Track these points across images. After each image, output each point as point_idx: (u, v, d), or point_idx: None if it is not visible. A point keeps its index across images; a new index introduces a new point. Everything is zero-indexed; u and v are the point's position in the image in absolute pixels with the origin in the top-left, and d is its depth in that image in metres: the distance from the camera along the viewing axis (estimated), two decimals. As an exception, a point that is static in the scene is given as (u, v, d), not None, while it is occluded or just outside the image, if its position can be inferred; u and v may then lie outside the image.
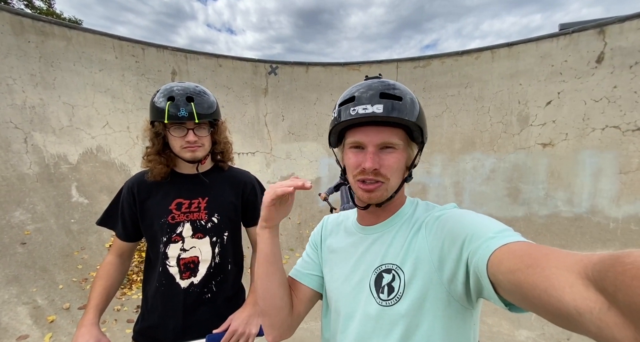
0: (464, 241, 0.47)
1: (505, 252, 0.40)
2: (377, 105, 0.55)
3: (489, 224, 0.48)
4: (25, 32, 3.80)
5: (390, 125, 0.58)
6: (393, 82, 0.60)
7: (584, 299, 0.29)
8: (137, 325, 1.07)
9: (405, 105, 0.57)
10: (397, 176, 0.60)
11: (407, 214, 0.64)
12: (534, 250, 0.38)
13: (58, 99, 3.94)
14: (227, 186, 1.13)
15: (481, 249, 0.43)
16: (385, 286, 0.57)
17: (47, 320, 2.46)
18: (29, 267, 2.80)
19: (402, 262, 0.57)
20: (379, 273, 0.59)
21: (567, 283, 0.31)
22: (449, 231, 0.51)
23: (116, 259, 1.06)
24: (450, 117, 5.21)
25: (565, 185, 4.12)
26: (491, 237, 0.44)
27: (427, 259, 0.54)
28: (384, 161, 0.58)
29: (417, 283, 0.54)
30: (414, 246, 0.57)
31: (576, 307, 0.29)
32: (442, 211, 0.59)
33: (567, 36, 4.21)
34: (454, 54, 5.20)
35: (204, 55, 5.41)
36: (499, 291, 0.41)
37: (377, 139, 0.58)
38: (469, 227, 0.48)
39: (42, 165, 3.56)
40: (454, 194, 5.02)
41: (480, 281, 0.43)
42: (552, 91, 4.33)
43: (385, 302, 0.56)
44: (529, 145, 4.49)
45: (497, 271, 0.40)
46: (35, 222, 3.16)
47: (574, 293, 0.30)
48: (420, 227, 0.58)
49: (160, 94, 0.96)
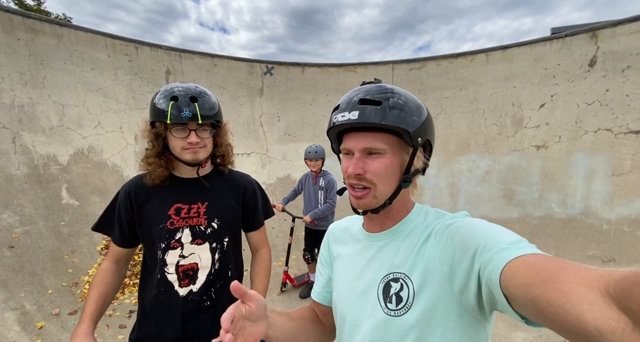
0: (476, 251, 0.45)
1: (519, 265, 0.38)
2: (354, 112, 0.56)
3: (502, 234, 0.46)
4: (14, 30, 3.69)
5: (375, 130, 0.57)
6: (384, 86, 0.58)
7: (605, 318, 0.28)
8: (133, 333, 1.03)
9: (384, 110, 0.55)
10: (386, 182, 0.58)
11: (414, 221, 0.62)
12: (551, 263, 0.36)
13: (48, 98, 3.83)
14: (227, 190, 1.10)
15: (494, 261, 0.42)
16: (394, 296, 0.55)
17: (36, 326, 2.38)
18: (17, 271, 2.71)
19: (410, 271, 0.55)
20: (386, 282, 0.57)
21: (587, 300, 0.30)
22: (460, 240, 0.50)
23: (113, 266, 1.02)
24: (445, 118, 5.25)
25: (558, 187, 4.18)
26: (504, 248, 0.42)
27: (437, 268, 0.52)
28: (368, 166, 0.57)
29: (426, 293, 0.52)
30: (423, 254, 0.55)
31: (597, 326, 0.28)
32: (452, 219, 0.57)
33: (560, 40, 4.28)
34: (449, 56, 5.25)
35: (198, 54, 5.35)
36: (513, 304, 0.39)
37: (361, 144, 0.58)
38: (481, 237, 0.47)
39: (31, 166, 3.46)
40: (449, 195, 5.05)
41: (493, 293, 0.42)
42: (546, 94, 4.39)
43: (393, 312, 0.54)
44: (523, 147, 4.55)
45: (511, 284, 0.38)
46: (24, 225, 3.06)
47: (594, 311, 0.29)
48: (430, 235, 0.56)
49: (161, 95, 0.92)
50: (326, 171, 3.16)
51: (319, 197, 3.09)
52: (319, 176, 3.11)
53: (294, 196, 3.33)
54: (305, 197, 3.24)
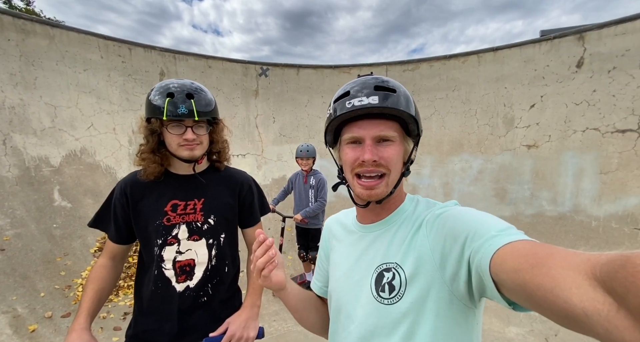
0: (466, 239, 0.46)
1: (508, 251, 0.39)
2: (373, 97, 0.56)
3: (492, 221, 0.47)
4: (4, 30, 3.65)
5: (385, 117, 0.58)
6: (387, 78, 0.61)
7: (591, 301, 0.28)
8: (129, 329, 1.03)
9: (399, 97, 0.57)
10: (396, 169, 0.60)
11: (407, 211, 0.63)
12: (539, 249, 0.37)
13: (39, 100, 3.79)
14: (223, 186, 1.11)
15: (483, 248, 0.42)
16: (386, 284, 0.56)
17: (28, 329, 2.34)
18: (7, 274, 2.66)
19: (402, 261, 0.56)
20: (380, 272, 0.58)
21: (574, 284, 0.30)
22: (450, 228, 0.51)
23: (108, 262, 1.02)
24: (438, 119, 5.32)
25: (549, 185, 4.27)
26: (494, 235, 0.43)
27: (428, 257, 0.53)
28: (382, 153, 0.58)
29: (418, 282, 0.53)
30: (415, 244, 0.56)
31: (584, 308, 0.29)
32: (443, 209, 0.58)
33: (549, 42, 4.38)
34: (442, 57, 5.33)
35: (193, 56, 5.34)
36: (502, 290, 0.40)
37: (374, 131, 0.58)
38: (471, 225, 0.48)
39: (22, 168, 3.41)
40: (443, 194, 5.11)
41: (482, 280, 0.43)
42: (536, 95, 4.49)
43: (386, 301, 0.56)
44: (514, 147, 4.63)
45: (500, 270, 0.39)
46: (15, 228, 3.02)
47: (581, 294, 0.29)
48: (421, 225, 0.57)
49: (156, 91, 0.93)
50: (316, 170, 3.17)
51: (310, 196, 3.10)
52: (309, 174, 3.11)
53: (284, 195, 3.32)
54: (296, 196, 3.23)
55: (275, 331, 2.57)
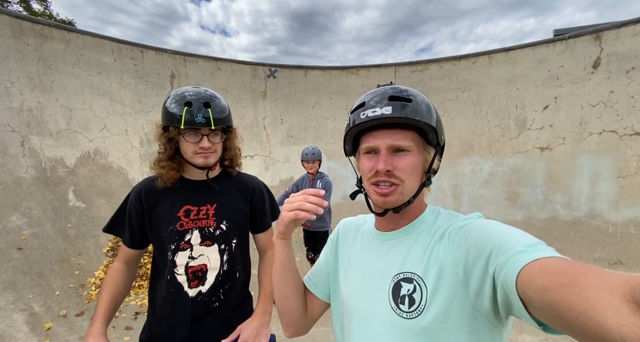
0: (491, 253, 0.44)
1: (537, 268, 0.37)
2: (386, 108, 0.56)
3: (518, 236, 0.45)
4: (24, 35, 3.77)
5: (401, 127, 0.58)
6: (405, 88, 0.60)
7: (631, 326, 0.27)
8: (143, 333, 1.05)
9: (415, 107, 0.57)
10: (412, 179, 0.59)
11: (427, 221, 0.61)
12: (571, 267, 0.35)
13: (56, 102, 3.90)
14: (235, 192, 1.11)
15: (510, 263, 0.40)
16: (406, 297, 0.54)
17: (44, 327, 2.40)
18: (25, 273, 2.74)
19: (424, 273, 0.54)
20: (397, 282, 0.57)
21: (611, 306, 0.29)
22: (474, 242, 0.49)
23: (123, 266, 1.04)
24: (448, 121, 5.25)
25: (563, 189, 4.16)
26: (521, 250, 0.41)
27: (450, 271, 0.51)
28: (397, 163, 0.57)
29: (440, 296, 0.51)
30: (436, 256, 0.54)
31: (621, 334, 0.27)
32: (466, 221, 0.56)
33: (564, 42, 4.28)
34: (451, 58, 5.26)
35: (202, 58, 5.40)
36: (530, 309, 0.38)
37: (389, 141, 0.58)
38: (496, 239, 0.45)
39: (38, 169, 3.51)
40: (452, 197, 5.04)
41: (509, 297, 0.40)
42: (549, 96, 4.39)
43: (406, 315, 0.53)
44: (527, 149, 4.53)
45: (528, 288, 0.37)
46: (32, 227, 3.10)
47: (619, 318, 0.28)
48: (443, 236, 0.56)
49: (173, 99, 0.94)
50: (323, 173, 3.12)
51: None
52: (315, 178, 3.06)
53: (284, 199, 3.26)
54: None
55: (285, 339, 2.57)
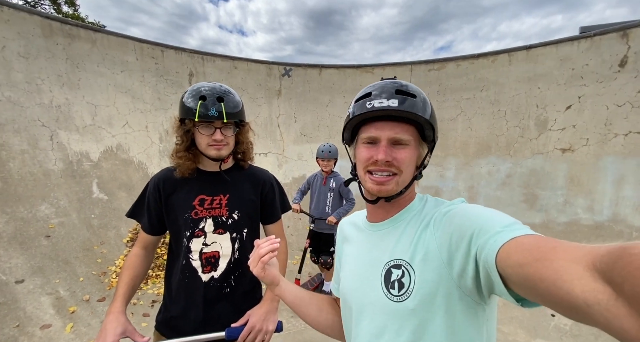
0: (472, 235, 0.47)
1: (513, 246, 0.40)
2: (393, 100, 0.58)
3: (497, 217, 0.48)
4: (53, 35, 3.99)
5: (403, 121, 0.60)
6: (407, 83, 0.63)
7: (592, 291, 0.29)
8: (159, 315, 1.11)
9: (418, 103, 0.59)
10: (408, 171, 0.62)
11: (415, 209, 0.64)
12: (543, 243, 0.38)
13: (82, 99, 4.11)
14: (247, 183, 1.16)
15: (489, 244, 0.43)
16: (396, 282, 0.58)
17: (69, 310, 2.56)
18: (52, 259, 2.92)
19: (411, 258, 0.57)
20: (388, 268, 0.60)
21: (576, 275, 0.31)
22: (457, 225, 0.52)
23: (141, 251, 1.11)
24: (465, 120, 5.14)
25: (585, 192, 3.99)
26: (499, 231, 0.44)
27: (436, 254, 0.54)
28: (396, 154, 0.60)
29: (427, 279, 0.54)
30: (423, 241, 0.57)
31: (585, 299, 0.30)
32: (450, 206, 0.59)
33: (589, 39, 4.10)
34: (469, 56, 5.14)
35: (220, 57, 5.54)
36: (509, 285, 0.41)
37: (390, 133, 0.60)
38: (477, 222, 0.48)
39: (66, 162, 3.72)
40: (467, 198, 4.92)
41: (490, 276, 0.43)
42: (573, 95, 4.21)
43: (396, 298, 0.57)
44: (547, 150, 4.38)
45: (506, 265, 0.40)
46: (59, 217, 3.30)
47: (582, 285, 0.30)
48: (429, 223, 0.59)
49: (189, 94, 1.00)
50: (336, 172, 3.03)
51: (328, 199, 2.95)
52: (329, 176, 2.99)
53: (301, 196, 3.17)
54: (313, 198, 3.08)
55: (292, 327, 2.62)
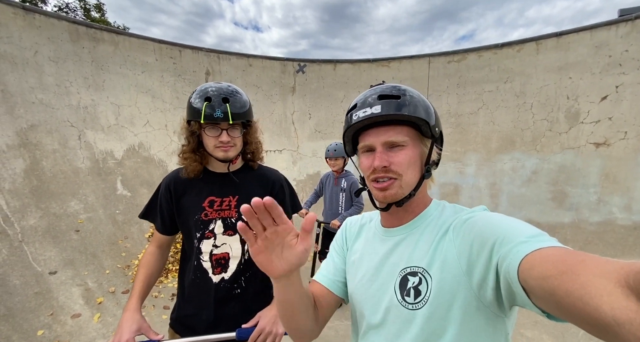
0: (494, 244, 0.45)
1: (538, 257, 0.38)
2: (375, 106, 0.58)
3: (521, 227, 0.45)
4: (80, 39, 4.18)
5: (394, 123, 0.60)
6: (396, 85, 0.62)
7: (623, 309, 0.27)
8: (174, 313, 1.14)
9: (404, 102, 0.58)
10: (411, 173, 0.60)
11: (432, 215, 0.62)
12: (569, 256, 0.36)
13: (106, 100, 4.29)
14: (256, 184, 1.15)
15: (512, 254, 0.41)
16: (412, 289, 0.56)
17: (96, 301, 2.71)
18: (81, 252, 3.10)
19: (428, 266, 0.55)
20: (404, 276, 0.58)
21: (605, 291, 0.29)
22: (478, 234, 0.49)
23: (156, 250, 1.13)
24: (487, 114, 4.90)
25: (622, 189, 3.70)
26: (523, 241, 0.42)
27: (454, 262, 0.52)
28: (393, 158, 0.59)
29: (444, 287, 0.52)
30: (441, 249, 0.55)
31: (614, 317, 0.28)
32: (470, 214, 0.56)
33: (629, 23, 3.75)
34: (492, 46, 4.87)
35: (235, 55, 5.59)
36: (531, 298, 0.39)
37: (383, 138, 0.60)
38: (499, 231, 0.46)
39: (92, 160, 3.91)
40: (489, 196, 4.73)
41: (511, 287, 0.41)
42: (609, 85, 3.89)
43: (410, 306, 0.55)
44: (578, 145, 4.09)
45: (529, 276, 0.38)
46: (87, 212, 3.48)
47: (612, 302, 0.28)
48: (448, 230, 0.56)
49: (196, 95, 0.99)
50: (348, 171, 2.92)
51: (340, 199, 2.86)
52: (340, 176, 2.89)
53: (316, 198, 3.13)
54: (326, 199, 3.01)
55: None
